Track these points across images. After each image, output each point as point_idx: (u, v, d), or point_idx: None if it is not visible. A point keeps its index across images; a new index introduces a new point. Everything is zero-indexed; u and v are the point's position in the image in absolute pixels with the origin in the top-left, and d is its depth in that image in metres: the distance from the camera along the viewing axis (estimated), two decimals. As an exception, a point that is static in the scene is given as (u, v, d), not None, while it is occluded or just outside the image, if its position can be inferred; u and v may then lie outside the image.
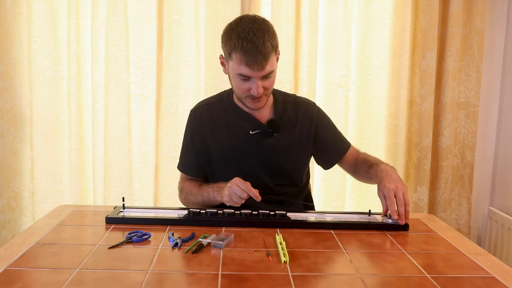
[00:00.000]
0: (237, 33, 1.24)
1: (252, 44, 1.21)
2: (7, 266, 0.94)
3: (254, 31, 1.23)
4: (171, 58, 2.19)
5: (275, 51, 1.29)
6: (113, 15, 2.13)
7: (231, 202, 1.28)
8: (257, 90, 1.27)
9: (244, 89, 1.29)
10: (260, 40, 1.22)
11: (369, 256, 1.06)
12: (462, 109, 2.25)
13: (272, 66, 1.27)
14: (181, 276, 0.92)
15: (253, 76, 1.25)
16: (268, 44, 1.24)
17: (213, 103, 1.48)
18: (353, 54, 2.23)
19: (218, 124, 1.43)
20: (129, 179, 2.22)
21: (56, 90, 2.21)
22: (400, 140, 2.24)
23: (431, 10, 2.16)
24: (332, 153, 1.52)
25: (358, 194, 2.32)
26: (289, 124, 1.44)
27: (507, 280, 0.94)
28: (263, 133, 1.40)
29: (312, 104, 1.51)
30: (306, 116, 1.46)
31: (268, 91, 1.32)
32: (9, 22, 2.14)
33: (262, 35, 1.23)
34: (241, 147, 1.41)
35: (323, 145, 1.49)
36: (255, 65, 1.23)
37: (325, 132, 1.49)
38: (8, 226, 2.25)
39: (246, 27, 1.24)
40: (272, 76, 1.30)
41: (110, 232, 1.16)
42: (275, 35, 1.29)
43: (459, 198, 2.30)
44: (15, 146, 2.22)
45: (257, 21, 1.27)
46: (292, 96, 1.52)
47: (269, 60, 1.25)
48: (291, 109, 1.46)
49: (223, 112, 1.44)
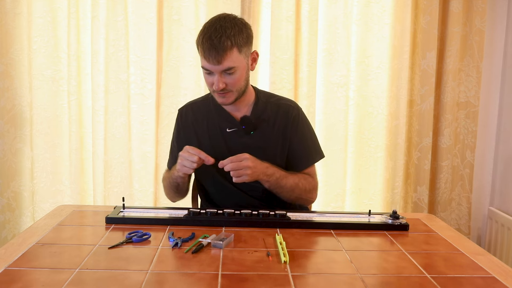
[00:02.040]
0: (202, 29, 1.31)
1: (209, 39, 1.27)
2: (7, 266, 0.94)
3: (216, 28, 1.28)
4: (171, 58, 2.19)
5: (238, 48, 1.30)
6: (113, 15, 2.13)
7: (184, 169, 1.31)
8: (217, 84, 1.31)
9: (209, 83, 1.35)
10: (217, 36, 1.26)
11: (369, 256, 1.06)
12: (462, 109, 2.25)
13: (232, 62, 1.29)
14: (181, 276, 0.92)
15: (211, 70, 1.30)
16: (226, 41, 1.27)
17: (198, 103, 1.53)
18: (353, 54, 2.23)
19: (201, 123, 1.47)
20: (129, 179, 2.22)
21: (56, 90, 2.21)
22: (400, 140, 2.24)
23: (431, 10, 2.16)
24: (291, 162, 1.46)
25: (358, 194, 2.32)
26: (267, 123, 1.44)
27: (507, 280, 0.94)
28: (240, 132, 1.42)
29: (294, 106, 1.49)
30: (284, 117, 1.45)
31: (233, 87, 1.34)
32: (9, 22, 2.14)
33: (223, 31, 1.27)
34: (219, 145, 1.43)
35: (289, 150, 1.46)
36: (211, 59, 1.27)
37: (295, 138, 1.46)
38: (8, 226, 2.25)
39: (211, 24, 1.30)
40: (234, 73, 1.31)
41: (110, 232, 1.16)
42: (241, 33, 1.31)
43: (459, 198, 2.30)
44: (15, 146, 2.22)
45: (226, 19, 1.32)
46: (276, 97, 1.52)
47: (227, 55, 1.28)
48: (271, 109, 1.46)
49: (207, 111, 1.48)
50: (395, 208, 2.24)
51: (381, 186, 2.30)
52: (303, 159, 1.47)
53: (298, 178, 1.41)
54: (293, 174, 1.41)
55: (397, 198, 2.28)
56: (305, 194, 1.43)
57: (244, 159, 1.28)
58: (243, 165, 1.27)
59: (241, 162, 1.27)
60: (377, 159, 2.29)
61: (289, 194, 1.40)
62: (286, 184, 1.37)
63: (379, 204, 2.31)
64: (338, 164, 2.25)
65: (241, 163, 1.27)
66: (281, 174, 1.36)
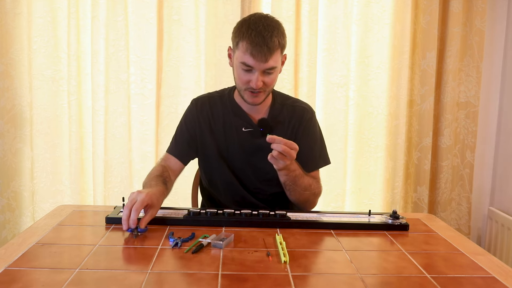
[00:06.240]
0: (248, 24, 1.28)
1: (260, 35, 1.25)
2: (7, 266, 0.94)
3: (264, 25, 1.27)
4: (171, 58, 2.19)
5: (281, 50, 1.31)
6: (113, 15, 2.13)
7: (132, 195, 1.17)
8: (256, 83, 1.28)
9: (244, 80, 1.31)
10: (268, 34, 1.25)
11: (369, 256, 1.06)
12: (462, 109, 2.25)
13: (275, 62, 1.29)
14: (181, 276, 0.92)
15: (255, 67, 1.27)
16: (276, 40, 1.27)
17: (214, 97, 1.50)
18: (353, 54, 2.23)
19: (216, 118, 1.46)
20: (129, 179, 2.22)
21: (56, 90, 2.21)
22: (400, 140, 2.24)
23: (431, 10, 2.16)
24: (299, 164, 1.43)
25: (358, 194, 2.32)
26: (282, 126, 1.45)
27: (507, 280, 0.94)
28: (255, 132, 1.41)
29: (308, 109, 1.50)
30: (298, 119, 1.46)
31: (267, 87, 1.33)
32: (9, 22, 2.14)
33: (271, 30, 1.27)
34: (233, 143, 1.43)
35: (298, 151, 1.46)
36: (259, 55, 1.25)
37: (305, 140, 1.45)
38: (8, 226, 2.25)
39: (258, 20, 1.28)
40: (273, 73, 1.32)
41: (110, 232, 1.16)
42: (284, 35, 1.32)
43: (459, 198, 2.30)
44: (15, 146, 2.22)
45: (269, 17, 1.32)
46: (292, 99, 1.52)
47: (274, 55, 1.27)
48: (287, 112, 1.46)
49: (222, 107, 1.46)
50: (395, 208, 2.24)
51: (381, 186, 2.31)
52: (310, 162, 1.47)
53: (311, 180, 1.42)
54: (308, 176, 1.41)
55: (397, 198, 2.28)
56: (312, 197, 1.44)
57: (294, 148, 1.23)
58: (291, 154, 1.22)
59: (291, 151, 1.22)
60: (377, 159, 2.29)
61: (300, 194, 1.39)
62: (302, 183, 1.36)
63: (379, 204, 2.31)
64: (338, 164, 2.25)
65: (290, 151, 1.22)
66: (300, 173, 1.36)
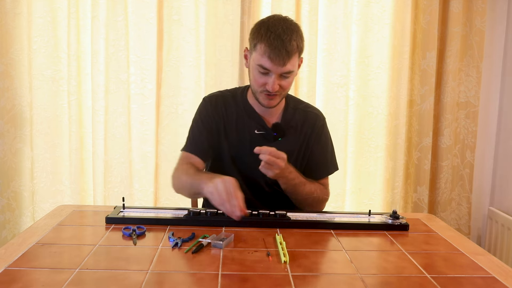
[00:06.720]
0: (267, 26, 1.27)
1: (279, 38, 1.24)
2: (7, 266, 0.94)
3: (283, 28, 1.26)
4: (171, 58, 2.19)
5: (299, 53, 1.30)
6: (113, 15, 2.13)
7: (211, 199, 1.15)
8: (272, 86, 1.28)
9: (260, 82, 1.30)
10: (287, 37, 1.24)
11: (369, 256, 1.06)
12: (462, 109, 2.25)
13: (293, 66, 1.28)
14: (181, 276, 0.92)
15: (272, 70, 1.27)
16: (294, 43, 1.26)
17: (227, 95, 1.48)
18: (353, 54, 2.23)
19: (230, 116, 1.44)
20: (129, 179, 2.22)
21: (56, 90, 2.21)
22: (400, 140, 2.24)
23: (431, 10, 2.16)
24: (310, 170, 1.47)
25: (358, 194, 2.32)
26: (294, 130, 1.45)
27: (507, 280, 0.94)
28: (268, 136, 1.41)
29: (320, 116, 1.51)
30: (310, 126, 1.46)
31: (284, 91, 1.33)
32: (9, 22, 2.14)
33: (290, 33, 1.26)
34: (244, 144, 1.41)
35: (308, 158, 1.48)
36: (277, 59, 1.24)
37: (317, 146, 1.47)
38: (8, 226, 2.25)
39: (277, 23, 1.27)
40: (290, 77, 1.31)
41: (110, 232, 1.16)
42: (302, 39, 1.31)
43: (459, 198, 2.30)
44: (15, 146, 2.22)
45: (288, 20, 1.31)
46: (304, 104, 1.52)
47: (292, 58, 1.26)
48: (299, 116, 1.46)
49: (236, 107, 1.45)
50: (395, 208, 2.24)
51: (381, 186, 2.31)
52: (320, 169, 1.49)
53: (314, 188, 1.42)
54: (311, 183, 1.42)
55: (397, 198, 2.28)
56: (316, 204, 1.44)
57: (281, 158, 1.25)
58: (277, 163, 1.24)
59: (277, 160, 1.24)
60: (377, 159, 2.29)
61: (301, 200, 1.41)
62: (302, 191, 1.38)
63: (379, 204, 2.31)
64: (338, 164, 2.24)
65: (276, 161, 1.24)
66: (300, 181, 1.37)
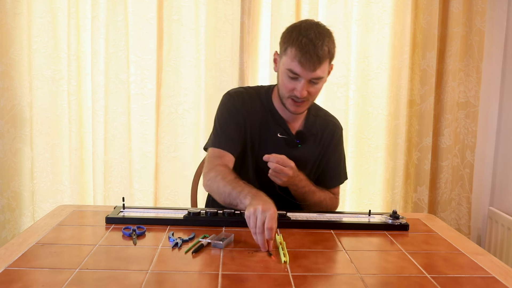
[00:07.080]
0: (299, 30, 1.25)
1: (311, 43, 1.22)
2: (7, 266, 0.94)
3: (316, 33, 1.24)
4: (171, 58, 2.19)
5: (330, 59, 1.29)
6: (113, 15, 2.13)
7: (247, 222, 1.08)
8: (301, 91, 1.26)
9: (289, 87, 1.28)
10: (319, 42, 1.22)
11: (369, 256, 1.06)
12: (462, 109, 2.25)
13: (323, 72, 1.26)
14: (181, 276, 0.92)
15: (302, 75, 1.25)
16: (326, 48, 1.24)
17: (252, 93, 1.44)
18: (353, 54, 2.23)
19: (255, 114, 1.40)
20: (129, 179, 2.22)
21: (56, 90, 2.21)
22: (400, 140, 2.24)
23: (431, 10, 2.16)
24: (324, 178, 1.48)
25: (358, 194, 2.32)
26: (314, 138, 1.44)
27: (507, 280, 0.94)
28: (289, 141, 1.40)
29: (339, 126, 1.51)
30: (330, 135, 1.47)
31: (311, 97, 1.32)
32: (9, 22, 2.14)
33: (322, 38, 1.24)
34: (265, 146, 1.39)
35: (324, 166, 1.48)
36: (307, 64, 1.22)
37: (333, 156, 1.48)
38: (8, 226, 2.25)
39: (309, 27, 1.25)
40: (319, 83, 1.29)
41: (110, 232, 1.16)
42: (334, 45, 1.29)
43: (459, 198, 2.30)
44: (15, 146, 2.22)
45: (321, 25, 1.29)
46: (323, 111, 1.52)
47: (322, 64, 1.25)
48: (319, 124, 1.46)
49: (260, 106, 1.42)
50: (395, 208, 2.24)
51: (381, 186, 2.31)
52: (333, 179, 1.49)
53: (324, 196, 1.42)
54: (321, 191, 1.42)
55: (397, 198, 2.28)
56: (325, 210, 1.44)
57: (288, 166, 1.26)
58: (284, 172, 1.25)
59: (285, 168, 1.25)
60: (377, 159, 2.29)
61: (309, 207, 1.41)
62: (311, 199, 1.38)
63: (379, 204, 2.31)
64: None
65: (284, 169, 1.25)
66: (310, 189, 1.37)
